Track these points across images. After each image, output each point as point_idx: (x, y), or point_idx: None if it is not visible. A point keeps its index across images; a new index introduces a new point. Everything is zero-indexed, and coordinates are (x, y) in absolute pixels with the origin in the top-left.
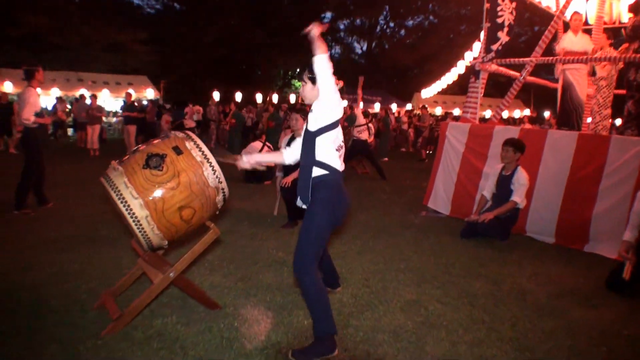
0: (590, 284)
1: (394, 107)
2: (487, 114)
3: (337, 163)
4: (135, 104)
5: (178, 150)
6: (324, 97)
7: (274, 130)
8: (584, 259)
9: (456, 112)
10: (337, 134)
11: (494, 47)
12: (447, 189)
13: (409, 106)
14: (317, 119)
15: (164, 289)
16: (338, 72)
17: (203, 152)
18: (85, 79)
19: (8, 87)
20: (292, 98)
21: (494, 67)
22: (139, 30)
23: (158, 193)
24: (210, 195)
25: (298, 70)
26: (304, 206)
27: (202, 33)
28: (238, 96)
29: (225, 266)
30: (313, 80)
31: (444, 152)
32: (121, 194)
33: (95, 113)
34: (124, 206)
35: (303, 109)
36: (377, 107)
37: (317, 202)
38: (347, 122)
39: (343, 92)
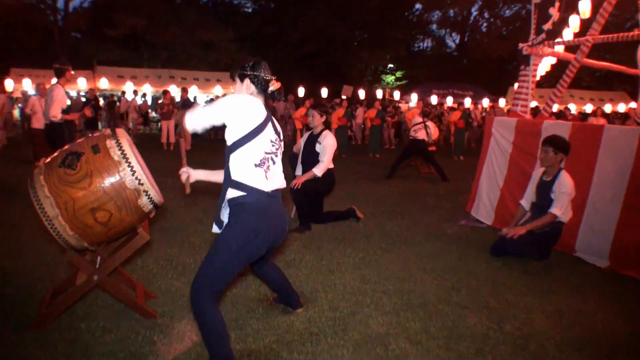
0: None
1: (485, 102)
2: (588, 108)
3: (261, 181)
4: (192, 100)
5: (96, 149)
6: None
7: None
8: None
9: (554, 107)
10: (257, 146)
11: (545, 26)
12: (490, 195)
13: (502, 101)
14: (231, 132)
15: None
16: (428, 67)
17: (123, 151)
18: (176, 75)
19: (104, 83)
20: (379, 93)
21: (547, 50)
22: (228, 28)
23: (69, 193)
24: (129, 197)
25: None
26: (218, 231)
27: (289, 30)
28: (324, 92)
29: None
30: (242, 78)
31: (488, 151)
32: (36, 192)
33: (170, 108)
34: (37, 204)
35: (322, 105)
36: (467, 103)
37: (229, 228)
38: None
39: (279, 95)
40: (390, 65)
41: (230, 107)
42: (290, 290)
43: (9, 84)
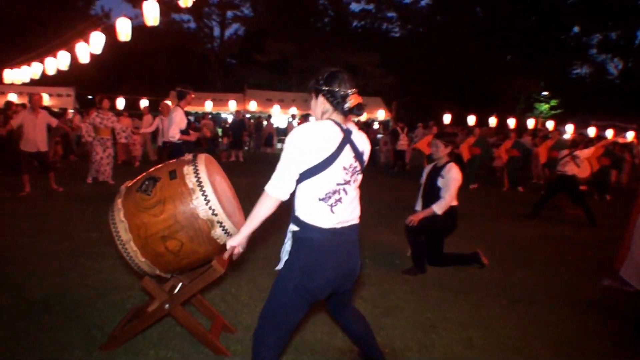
0: None
1: None
2: None
3: (324, 217)
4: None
5: (173, 175)
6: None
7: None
8: None
9: None
10: (326, 179)
11: None
12: None
13: None
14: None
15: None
16: (587, 96)
17: (199, 178)
18: None
19: (253, 106)
20: (530, 123)
21: None
22: (374, 53)
23: (142, 218)
24: (201, 227)
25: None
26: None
27: (436, 55)
28: (471, 119)
29: None
30: (317, 92)
31: None
32: (113, 215)
33: None
34: (113, 227)
35: (447, 134)
36: (629, 136)
37: (287, 265)
38: (559, 151)
39: (358, 111)
40: (544, 93)
41: (295, 149)
42: (374, 348)
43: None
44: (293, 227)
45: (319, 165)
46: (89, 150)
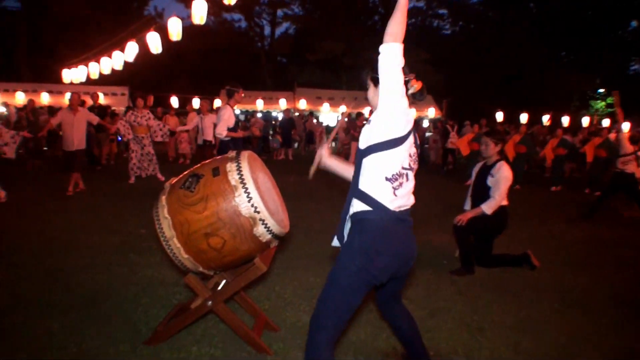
0: None
1: None
2: None
3: (388, 197)
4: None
5: (216, 172)
6: (382, 105)
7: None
8: None
9: None
10: (395, 158)
11: None
12: None
13: None
14: (369, 133)
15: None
16: None
17: (241, 175)
18: None
19: (302, 104)
20: (585, 121)
21: None
22: (424, 51)
23: (185, 215)
24: (244, 225)
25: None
26: (338, 245)
27: (488, 51)
28: (523, 117)
29: None
30: (376, 81)
31: None
32: (157, 212)
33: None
34: (157, 224)
35: (497, 132)
36: None
37: (347, 247)
38: (606, 150)
39: (420, 96)
40: (600, 90)
41: (404, 107)
42: (420, 349)
43: (218, 104)
44: (356, 205)
45: (393, 140)
46: (129, 148)
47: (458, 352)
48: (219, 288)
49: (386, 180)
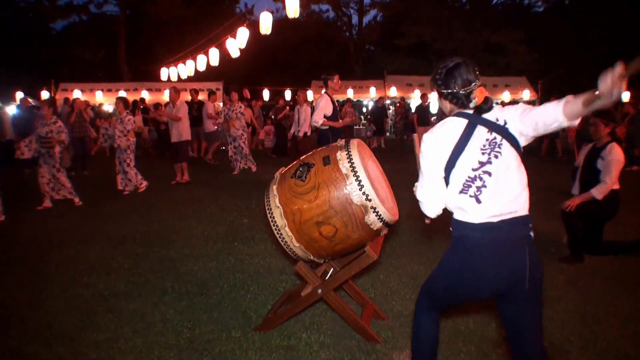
0: None
1: None
2: None
3: (467, 211)
4: None
5: (326, 161)
6: None
7: None
8: None
9: None
10: (459, 171)
11: None
12: None
13: None
14: None
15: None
16: None
17: (352, 163)
18: None
19: (393, 91)
20: None
21: None
22: (517, 30)
23: (297, 204)
24: (356, 213)
25: None
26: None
27: (584, 28)
28: (625, 96)
29: None
30: (439, 94)
31: None
32: (269, 201)
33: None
34: (269, 213)
35: (608, 112)
36: None
37: (441, 263)
38: None
39: (485, 106)
40: None
41: (426, 156)
42: None
43: (310, 95)
44: (453, 224)
45: (450, 160)
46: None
47: (573, 343)
48: (328, 276)
49: (460, 194)
